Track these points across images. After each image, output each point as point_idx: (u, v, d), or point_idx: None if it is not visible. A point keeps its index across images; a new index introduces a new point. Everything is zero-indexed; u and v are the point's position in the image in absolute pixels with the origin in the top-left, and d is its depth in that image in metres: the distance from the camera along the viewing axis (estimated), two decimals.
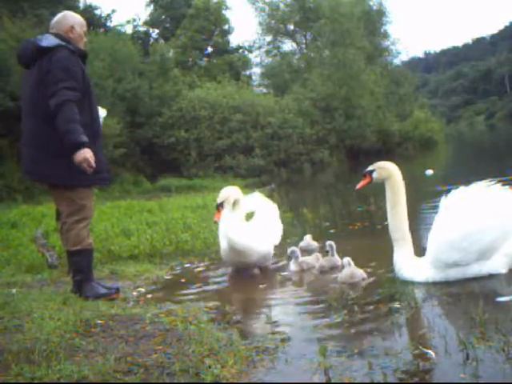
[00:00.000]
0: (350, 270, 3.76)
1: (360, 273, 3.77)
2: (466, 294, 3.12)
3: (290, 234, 6.03)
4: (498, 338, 2.32)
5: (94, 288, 3.69)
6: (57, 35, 3.62)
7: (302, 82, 27.70)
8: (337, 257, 4.31)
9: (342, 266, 3.92)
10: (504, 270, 3.38)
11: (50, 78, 3.44)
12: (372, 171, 3.72)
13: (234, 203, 4.28)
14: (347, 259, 3.82)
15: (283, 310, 3.37)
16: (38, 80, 3.51)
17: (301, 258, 4.38)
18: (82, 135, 3.39)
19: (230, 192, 4.31)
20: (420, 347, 2.26)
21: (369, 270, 3.95)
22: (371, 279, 3.75)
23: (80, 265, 3.66)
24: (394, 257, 3.59)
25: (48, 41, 3.55)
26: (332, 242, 4.37)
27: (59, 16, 3.75)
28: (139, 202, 10.49)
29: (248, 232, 4.34)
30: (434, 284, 3.40)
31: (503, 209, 3.40)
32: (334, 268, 4.24)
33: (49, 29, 3.72)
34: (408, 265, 3.53)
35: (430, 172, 12.40)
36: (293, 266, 4.36)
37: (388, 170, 3.67)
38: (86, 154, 3.39)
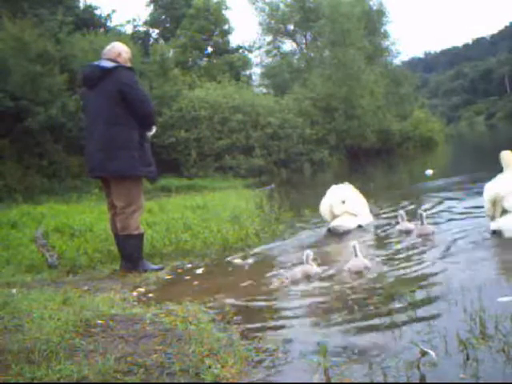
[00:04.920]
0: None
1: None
2: (467, 294, 3.12)
3: (291, 234, 6.03)
4: (498, 338, 2.32)
5: (146, 264, 4.64)
6: (109, 59, 4.63)
7: (302, 82, 27.68)
8: (427, 225, 4.91)
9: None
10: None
11: (127, 89, 4.50)
12: None
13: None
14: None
15: (283, 309, 3.36)
16: (105, 95, 4.44)
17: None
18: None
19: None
20: (420, 347, 2.26)
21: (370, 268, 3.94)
22: (372, 277, 3.75)
23: (138, 246, 4.57)
24: None
25: (107, 64, 4.55)
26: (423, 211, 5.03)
27: (109, 46, 4.81)
28: None
29: None
30: (435, 283, 3.41)
31: None
32: (428, 235, 4.82)
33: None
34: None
35: (429, 172, 12.39)
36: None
37: None
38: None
